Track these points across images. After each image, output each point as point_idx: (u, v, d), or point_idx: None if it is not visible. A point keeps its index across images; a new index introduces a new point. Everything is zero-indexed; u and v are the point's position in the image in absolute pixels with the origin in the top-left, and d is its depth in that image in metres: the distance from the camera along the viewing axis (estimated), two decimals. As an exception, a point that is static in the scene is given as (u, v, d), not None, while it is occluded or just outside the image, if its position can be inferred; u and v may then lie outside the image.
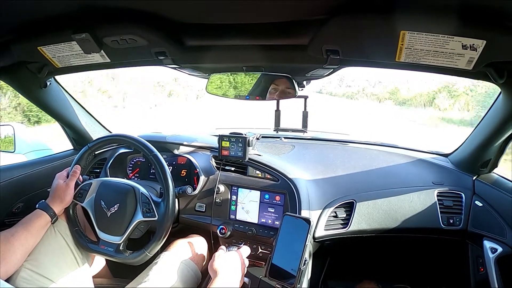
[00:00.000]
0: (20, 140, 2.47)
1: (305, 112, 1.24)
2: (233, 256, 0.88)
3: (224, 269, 0.83)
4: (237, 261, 0.87)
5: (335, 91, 21.73)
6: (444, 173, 1.24)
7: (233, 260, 0.87)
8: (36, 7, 0.71)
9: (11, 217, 1.21)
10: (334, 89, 22.23)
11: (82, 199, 0.97)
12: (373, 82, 20.66)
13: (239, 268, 0.86)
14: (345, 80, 22.57)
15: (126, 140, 1.01)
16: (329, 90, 21.97)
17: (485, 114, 1.04)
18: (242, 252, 0.92)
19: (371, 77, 21.23)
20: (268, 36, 0.81)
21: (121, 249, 0.93)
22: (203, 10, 0.72)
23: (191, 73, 1.15)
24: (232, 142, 1.16)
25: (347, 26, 0.68)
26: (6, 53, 0.88)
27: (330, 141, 1.49)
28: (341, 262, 1.52)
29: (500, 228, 1.04)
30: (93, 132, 1.40)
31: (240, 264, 0.87)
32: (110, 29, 0.77)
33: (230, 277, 0.82)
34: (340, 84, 22.65)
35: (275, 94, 1.12)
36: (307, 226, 0.81)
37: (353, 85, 21.99)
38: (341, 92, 21.45)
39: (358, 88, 20.67)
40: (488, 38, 0.61)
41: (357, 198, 1.15)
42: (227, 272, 0.83)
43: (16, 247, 0.83)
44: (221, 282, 0.80)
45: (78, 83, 10.12)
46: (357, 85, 21.34)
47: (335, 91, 21.88)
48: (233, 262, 0.86)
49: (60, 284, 0.88)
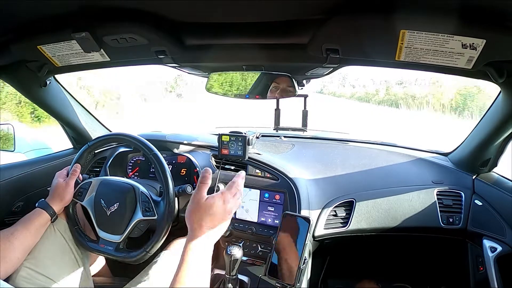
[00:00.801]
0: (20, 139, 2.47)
1: (305, 111, 1.24)
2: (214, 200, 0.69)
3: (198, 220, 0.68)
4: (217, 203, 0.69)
5: (342, 91, 21.02)
6: (444, 172, 1.24)
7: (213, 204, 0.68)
8: (36, 6, 0.71)
9: (11, 216, 1.21)
10: (344, 89, 21.43)
11: (82, 198, 0.98)
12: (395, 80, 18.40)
13: (222, 210, 0.69)
14: (347, 79, 22.09)
15: (125, 139, 1.01)
16: (335, 91, 21.36)
17: (485, 113, 1.04)
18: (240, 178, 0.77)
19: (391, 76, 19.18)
20: (268, 35, 0.81)
21: (120, 248, 0.94)
22: (203, 9, 0.72)
23: (191, 72, 1.15)
24: (232, 141, 1.16)
25: (347, 25, 0.68)
26: (6, 52, 0.88)
27: (330, 140, 1.50)
28: (340, 261, 1.52)
29: (499, 227, 1.04)
30: (92, 131, 1.40)
31: (222, 204, 0.69)
32: (110, 28, 0.77)
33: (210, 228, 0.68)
34: (345, 84, 22.08)
35: (276, 93, 1.12)
36: (306, 225, 0.81)
37: (367, 84, 20.77)
38: (347, 92, 20.48)
39: (379, 86, 18.37)
40: (488, 37, 0.61)
41: (357, 197, 1.15)
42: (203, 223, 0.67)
43: (16, 246, 0.83)
44: (197, 235, 0.66)
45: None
46: (376, 83, 19.48)
47: (341, 91, 21.17)
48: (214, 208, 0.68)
49: (60, 283, 0.88)
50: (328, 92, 21.48)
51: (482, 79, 0.82)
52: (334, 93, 20.38)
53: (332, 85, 22.45)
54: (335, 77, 23.22)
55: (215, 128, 1.59)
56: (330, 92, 21.45)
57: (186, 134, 1.38)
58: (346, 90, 19.74)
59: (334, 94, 20.14)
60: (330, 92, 21.43)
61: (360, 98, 17.13)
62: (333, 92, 21.42)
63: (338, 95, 19.70)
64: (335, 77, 23.22)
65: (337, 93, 19.98)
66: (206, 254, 0.67)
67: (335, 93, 20.33)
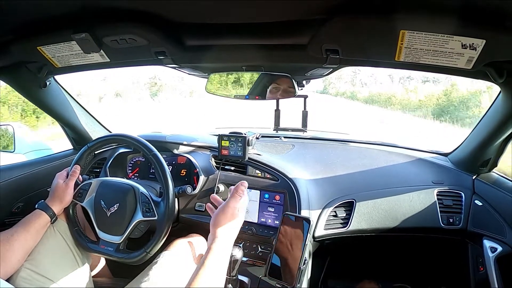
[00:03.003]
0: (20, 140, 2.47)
1: (304, 111, 1.25)
2: (230, 208, 0.77)
3: (223, 228, 0.74)
4: (233, 211, 0.76)
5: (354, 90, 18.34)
6: (444, 172, 1.24)
7: (230, 212, 0.76)
8: (36, 7, 0.71)
9: (11, 217, 1.21)
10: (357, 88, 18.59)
11: (82, 198, 0.97)
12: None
13: (236, 215, 0.76)
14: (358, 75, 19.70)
15: (125, 139, 1.01)
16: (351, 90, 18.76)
17: (485, 113, 1.04)
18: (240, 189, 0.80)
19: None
20: (267, 35, 0.81)
21: (121, 249, 0.93)
22: (203, 10, 0.72)
23: (190, 73, 1.15)
24: (232, 141, 1.16)
25: (346, 26, 0.68)
26: (6, 53, 0.88)
27: (330, 141, 1.49)
28: (341, 262, 1.52)
29: (500, 227, 1.04)
30: (92, 132, 1.40)
31: (236, 212, 0.77)
32: (109, 29, 0.77)
33: (227, 233, 0.75)
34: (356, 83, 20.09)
35: (276, 94, 1.13)
36: (307, 225, 0.81)
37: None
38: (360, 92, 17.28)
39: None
40: (488, 37, 0.61)
41: (357, 197, 1.15)
42: (226, 232, 0.74)
43: (16, 247, 0.83)
44: (220, 244, 0.72)
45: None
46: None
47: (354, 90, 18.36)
48: (229, 215, 0.76)
49: (60, 284, 0.88)
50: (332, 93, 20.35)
51: (482, 79, 0.82)
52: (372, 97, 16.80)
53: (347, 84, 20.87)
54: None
55: (215, 129, 1.59)
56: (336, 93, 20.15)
57: (186, 135, 1.38)
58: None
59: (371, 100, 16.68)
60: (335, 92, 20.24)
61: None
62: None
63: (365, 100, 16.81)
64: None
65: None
66: (227, 256, 0.74)
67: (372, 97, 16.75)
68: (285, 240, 0.83)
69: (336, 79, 21.48)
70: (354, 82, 21.59)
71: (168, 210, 0.92)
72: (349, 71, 21.56)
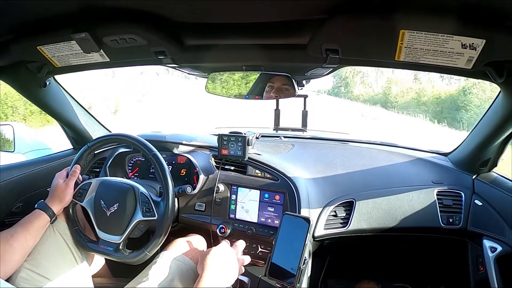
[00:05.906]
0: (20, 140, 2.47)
1: (304, 111, 1.25)
2: (227, 253, 0.84)
3: (213, 266, 0.79)
4: (230, 258, 0.83)
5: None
6: (444, 172, 1.24)
7: (226, 256, 0.83)
8: (35, 6, 0.71)
9: (11, 216, 1.21)
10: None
11: (82, 198, 0.97)
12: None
13: (232, 265, 0.83)
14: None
15: (125, 139, 1.01)
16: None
17: (485, 113, 1.04)
18: (239, 247, 0.89)
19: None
20: (267, 35, 0.81)
21: (120, 249, 0.93)
22: (203, 10, 0.72)
23: (190, 72, 1.15)
24: (232, 141, 1.16)
25: (346, 26, 0.68)
26: (6, 52, 0.88)
27: (329, 140, 1.49)
28: (341, 261, 1.52)
29: (499, 227, 1.04)
30: (92, 132, 1.40)
31: (234, 261, 0.84)
32: (109, 28, 0.77)
33: (219, 275, 0.79)
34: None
35: (271, 92, 1.12)
36: (306, 225, 0.81)
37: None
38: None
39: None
40: (488, 37, 0.61)
41: (357, 197, 1.15)
42: (216, 269, 0.79)
43: (15, 247, 0.83)
44: (208, 280, 0.76)
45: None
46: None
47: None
48: (225, 259, 0.82)
49: (60, 284, 0.88)
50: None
51: (482, 79, 0.82)
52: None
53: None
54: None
55: (214, 129, 1.59)
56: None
57: (186, 134, 1.38)
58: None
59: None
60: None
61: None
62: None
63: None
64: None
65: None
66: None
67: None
68: (285, 240, 0.83)
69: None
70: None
71: (168, 210, 0.92)
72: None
